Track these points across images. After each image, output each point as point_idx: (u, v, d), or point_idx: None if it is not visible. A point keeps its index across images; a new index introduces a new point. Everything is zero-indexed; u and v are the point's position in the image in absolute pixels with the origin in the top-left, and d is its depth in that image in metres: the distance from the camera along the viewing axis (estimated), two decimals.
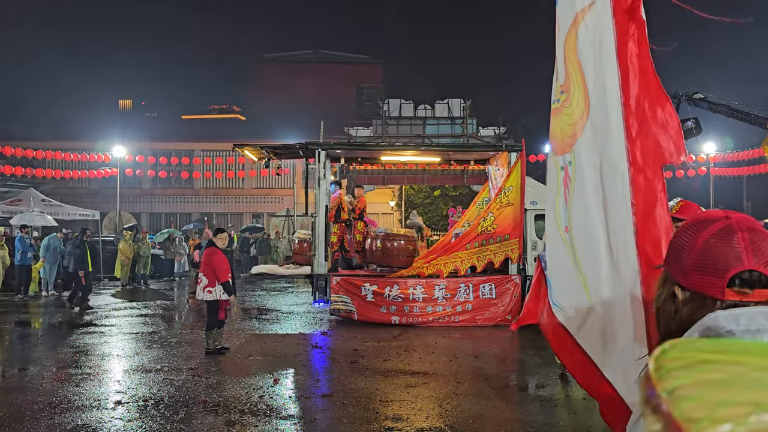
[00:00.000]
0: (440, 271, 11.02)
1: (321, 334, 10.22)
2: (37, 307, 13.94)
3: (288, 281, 20.23)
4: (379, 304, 10.84)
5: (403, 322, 10.76)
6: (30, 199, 18.73)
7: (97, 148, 25.83)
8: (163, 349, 8.90)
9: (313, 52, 43.75)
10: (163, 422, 5.59)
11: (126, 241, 18.20)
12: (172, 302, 15.09)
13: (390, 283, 10.87)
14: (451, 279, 10.97)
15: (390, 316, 10.80)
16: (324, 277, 11.20)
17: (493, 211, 11.02)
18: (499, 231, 10.96)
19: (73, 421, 5.62)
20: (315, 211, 11.53)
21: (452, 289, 10.91)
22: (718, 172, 24.51)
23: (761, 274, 1.08)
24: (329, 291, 11.03)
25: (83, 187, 32.07)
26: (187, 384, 6.91)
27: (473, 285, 10.94)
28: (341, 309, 10.96)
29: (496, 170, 12.73)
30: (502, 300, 10.98)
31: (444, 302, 10.87)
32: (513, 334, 9.84)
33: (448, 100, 29.16)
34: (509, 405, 6.25)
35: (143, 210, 33.25)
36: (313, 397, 6.45)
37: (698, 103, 11.31)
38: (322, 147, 11.99)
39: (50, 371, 7.56)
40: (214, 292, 8.19)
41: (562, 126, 2.29)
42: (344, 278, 11.07)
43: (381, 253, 11.49)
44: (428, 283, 10.88)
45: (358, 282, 11.01)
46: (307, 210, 12.63)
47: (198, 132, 35.07)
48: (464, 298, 10.90)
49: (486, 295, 10.97)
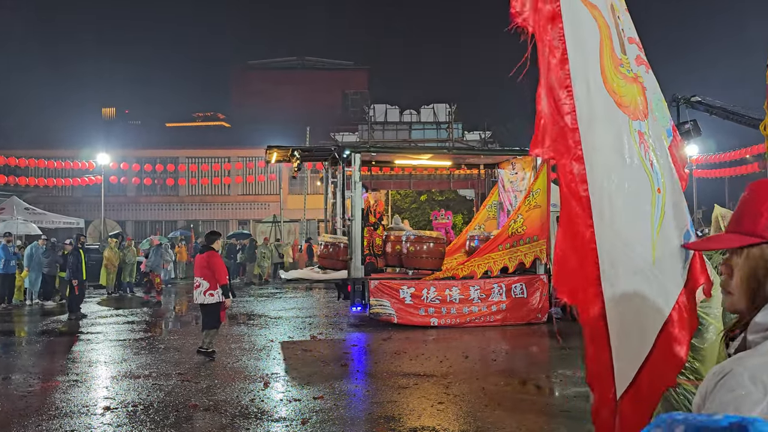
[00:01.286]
0: (474, 273, 11.20)
1: (310, 338, 10.18)
2: (22, 315, 13.76)
3: (276, 287, 20.16)
4: (417, 306, 10.89)
5: (441, 323, 10.87)
6: (13, 207, 18.54)
7: (80, 156, 25.62)
8: (151, 355, 8.82)
9: (297, 59, 43.79)
10: (153, 427, 5.54)
11: (111, 248, 18.03)
12: (158, 309, 14.97)
13: (427, 285, 10.96)
14: (486, 280, 11.17)
15: (429, 318, 10.88)
16: (361, 281, 11.16)
17: (522, 213, 11.27)
18: (529, 232, 11.25)
19: (62, 427, 5.55)
20: (351, 214, 11.51)
21: (487, 290, 11.13)
22: (700, 173, 24.83)
23: None
24: (367, 295, 10.95)
25: (67, 195, 31.75)
26: (177, 389, 6.86)
27: (506, 285, 11.20)
28: (381, 313, 10.89)
29: (512, 173, 13.04)
30: (532, 299, 11.29)
31: (479, 303, 11.07)
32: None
33: (434, 105, 29.32)
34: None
35: (128, 218, 32.97)
36: (303, 399, 6.42)
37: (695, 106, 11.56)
38: (356, 150, 12.12)
39: (37, 378, 7.47)
40: (216, 295, 8.24)
41: (637, 96, 2.32)
42: (381, 282, 11.04)
43: (412, 255, 11.52)
44: (464, 284, 11.06)
45: (396, 285, 11.01)
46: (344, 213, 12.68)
47: (182, 139, 34.90)
48: (498, 299, 11.14)
49: (518, 294, 11.26)
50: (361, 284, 11.14)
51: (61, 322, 12.52)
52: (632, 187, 2.21)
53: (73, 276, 13.13)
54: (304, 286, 20.35)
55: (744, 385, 0.92)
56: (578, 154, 2.15)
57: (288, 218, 29.43)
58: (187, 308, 15.36)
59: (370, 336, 10.24)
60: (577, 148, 2.15)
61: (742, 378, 0.93)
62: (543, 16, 2.18)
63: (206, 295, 8.23)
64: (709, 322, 2.71)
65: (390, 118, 29.11)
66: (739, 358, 0.99)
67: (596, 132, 2.18)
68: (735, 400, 0.91)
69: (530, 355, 9.17)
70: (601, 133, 2.19)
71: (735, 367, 0.96)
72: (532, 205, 11.19)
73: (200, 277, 8.30)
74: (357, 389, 6.84)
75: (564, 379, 7.26)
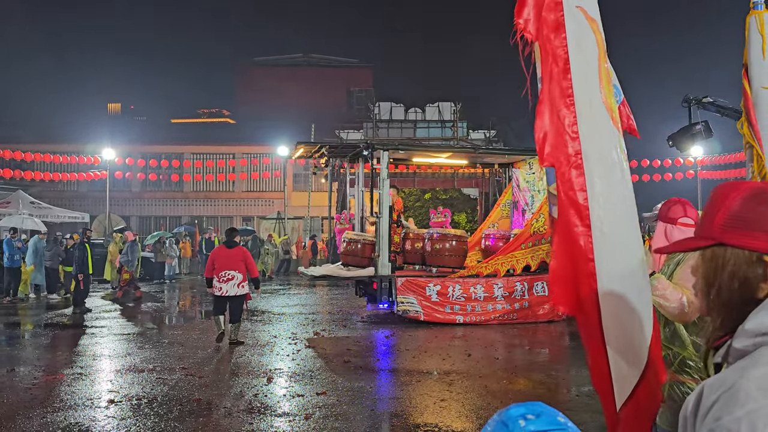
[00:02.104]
0: (498, 271, 11.36)
1: (313, 334, 10.21)
2: (27, 309, 13.83)
3: (279, 283, 20.21)
4: (443, 304, 11.01)
5: (467, 321, 11.00)
6: (18, 202, 18.59)
7: (86, 150, 25.67)
8: (155, 350, 8.87)
9: (303, 56, 43.77)
10: (157, 420, 5.57)
11: (116, 243, 18.08)
12: (162, 304, 15.02)
13: (452, 283, 11.08)
14: (509, 278, 11.35)
15: (454, 316, 11.02)
16: (388, 278, 11.22)
17: (544, 213, 11.42)
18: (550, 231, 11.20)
19: (66, 420, 5.59)
20: (379, 212, 11.55)
21: (510, 288, 11.30)
22: (705, 175, 24.75)
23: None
24: (394, 292, 11.02)
25: (72, 190, 31.86)
26: (180, 383, 6.89)
27: (528, 283, 11.37)
28: (408, 310, 10.99)
29: (530, 173, 13.28)
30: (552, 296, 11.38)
31: (503, 300, 11.23)
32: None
33: (439, 104, 29.29)
34: None
35: (133, 213, 33.06)
36: (306, 395, 6.45)
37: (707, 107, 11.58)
38: (385, 147, 12.23)
39: (41, 371, 7.52)
40: (246, 287, 9.02)
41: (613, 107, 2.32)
42: (408, 279, 11.13)
43: (435, 253, 11.59)
44: (488, 282, 11.22)
45: (423, 283, 11.10)
46: (372, 210, 12.75)
47: (187, 135, 34.96)
48: (520, 296, 11.32)
49: (539, 292, 11.42)
50: (388, 282, 11.22)
51: (65, 315, 12.59)
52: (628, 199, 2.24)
53: (79, 270, 13.20)
54: (307, 283, 20.38)
55: (755, 398, 0.88)
56: (578, 163, 2.17)
57: (292, 215, 29.47)
58: (191, 304, 15.43)
59: (373, 333, 10.27)
60: (578, 158, 2.17)
61: (750, 391, 0.89)
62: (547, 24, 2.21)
63: (239, 287, 8.89)
64: None
65: (395, 116, 29.10)
66: (741, 368, 0.95)
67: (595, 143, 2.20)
68: (748, 415, 0.87)
69: (540, 353, 9.18)
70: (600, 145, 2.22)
71: (738, 380, 0.92)
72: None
73: (234, 270, 8.85)
74: (360, 385, 6.86)
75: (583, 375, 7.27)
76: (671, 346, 2.71)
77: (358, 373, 7.43)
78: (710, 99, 13.58)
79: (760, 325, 1.00)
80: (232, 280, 8.81)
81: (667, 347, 2.72)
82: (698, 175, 24.19)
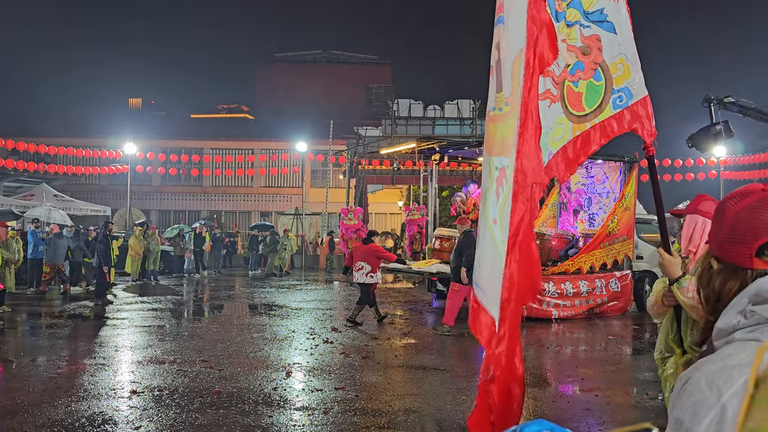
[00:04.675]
0: (581, 268, 11.90)
1: (331, 329, 10.27)
2: (50, 300, 14.07)
3: (296, 278, 20.33)
4: (541, 300, 11.34)
5: (561, 316, 11.45)
6: (42, 194, 18.91)
7: (107, 144, 26.03)
8: (176, 342, 8.98)
9: (322, 52, 43.88)
10: (179, 411, 5.65)
11: (136, 237, 18.32)
12: (182, 297, 15.20)
13: (546, 279, 11.47)
14: (590, 275, 11.95)
15: (550, 311, 11.40)
16: None
17: (618, 214, 12.16)
18: (621, 232, 12.22)
19: (90, 409, 5.69)
20: None
21: (592, 285, 11.90)
22: (728, 175, 24.42)
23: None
24: None
25: (93, 183, 32.31)
26: (201, 375, 6.98)
27: (605, 280, 12.04)
28: None
29: (585, 177, 14.01)
30: (624, 293, 12.31)
31: (586, 296, 11.83)
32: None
33: (458, 101, 29.19)
34: None
35: (153, 207, 33.45)
36: (325, 389, 6.50)
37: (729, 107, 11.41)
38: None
39: (65, 361, 7.65)
40: (374, 277, 10.60)
41: (504, 133, 2.49)
42: None
43: None
44: (574, 279, 11.78)
45: None
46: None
47: (207, 131, 35.27)
48: (600, 292, 11.98)
49: (613, 288, 12.15)
50: None
51: (87, 307, 12.78)
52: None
53: (103, 262, 13.39)
54: (323, 278, 20.50)
55: (701, 390, 0.95)
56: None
57: (310, 211, 29.60)
58: (209, 297, 15.58)
59: (390, 329, 10.30)
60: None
61: (700, 383, 0.96)
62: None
63: (367, 276, 10.52)
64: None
65: (413, 113, 29.07)
66: (700, 363, 1.02)
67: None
68: (693, 405, 0.95)
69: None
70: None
71: (694, 374, 0.99)
72: (624, 207, 12.22)
73: (364, 261, 10.53)
74: (379, 381, 6.89)
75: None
76: (698, 349, 2.70)
77: (377, 369, 7.46)
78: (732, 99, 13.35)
79: (725, 324, 1.07)
80: (362, 270, 10.51)
81: (694, 350, 2.71)
82: (721, 175, 23.88)
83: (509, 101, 2.47)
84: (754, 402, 0.88)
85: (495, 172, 2.52)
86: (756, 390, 0.89)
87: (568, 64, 2.77)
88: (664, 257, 2.67)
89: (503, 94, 2.50)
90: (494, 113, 2.55)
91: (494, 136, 2.55)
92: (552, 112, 2.73)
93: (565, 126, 2.77)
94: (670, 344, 2.86)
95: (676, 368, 2.78)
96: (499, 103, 2.52)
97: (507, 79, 2.49)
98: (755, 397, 0.89)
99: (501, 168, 2.48)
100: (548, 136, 2.71)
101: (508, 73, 2.48)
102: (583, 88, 2.81)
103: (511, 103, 2.45)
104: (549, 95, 2.72)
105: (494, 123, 2.56)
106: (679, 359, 2.77)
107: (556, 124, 2.75)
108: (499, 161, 2.49)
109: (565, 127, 2.77)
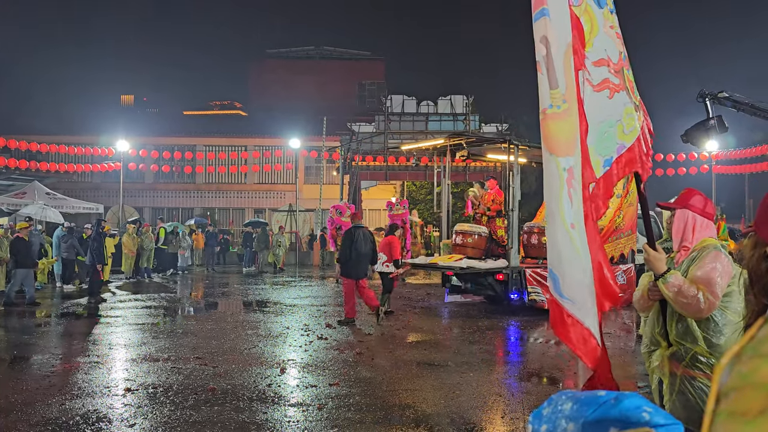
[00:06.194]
0: None
1: (325, 326, 10.28)
2: (44, 299, 14.01)
3: (289, 275, 20.32)
4: None
5: None
6: (34, 192, 18.81)
7: (100, 142, 25.90)
8: (170, 339, 8.98)
9: (314, 48, 43.77)
10: (173, 408, 5.66)
11: (129, 234, 18.27)
12: (176, 295, 15.17)
13: None
14: None
15: None
16: (518, 270, 11.56)
17: (623, 210, 12.25)
18: (626, 227, 12.39)
19: (84, 407, 5.69)
20: (512, 205, 11.77)
21: None
22: (720, 169, 24.56)
23: None
24: (525, 283, 11.51)
25: (86, 181, 32.16)
26: (195, 372, 6.98)
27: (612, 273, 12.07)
28: (536, 300, 11.49)
29: None
30: (630, 285, 12.33)
31: None
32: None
33: (451, 97, 29.22)
34: None
35: (146, 204, 33.32)
36: (319, 385, 6.52)
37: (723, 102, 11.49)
38: (521, 143, 12.61)
39: (59, 359, 7.64)
40: (390, 267, 11.20)
41: (566, 132, 2.42)
42: (534, 270, 11.58)
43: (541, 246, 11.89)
44: None
45: (545, 274, 11.26)
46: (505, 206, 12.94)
47: (199, 127, 35.12)
48: None
49: (621, 281, 12.15)
50: (518, 273, 11.56)
51: (81, 305, 12.75)
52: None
53: (96, 260, 13.35)
54: (317, 275, 20.50)
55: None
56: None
57: (303, 207, 29.58)
58: (203, 294, 15.56)
59: (385, 325, 10.32)
60: None
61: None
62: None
63: (383, 265, 11.25)
64: (728, 317, 2.70)
65: (407, 109, 29.07)
66: None
67: None
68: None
69: None
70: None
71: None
72: (628, 202, 12.32)
73: (383, 252, 11.26)
74: (372, 376, 6.92)
75: None
76: (683, 341, 2.73)
77: (371, 365, 7.49)
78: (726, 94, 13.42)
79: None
80: (380, 260, 11.22)
81: (679, 343, 2.75)
82: (712, 169, 24.01)
83: (566, 98, 2.40)
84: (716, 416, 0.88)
85: (564, 173, 2.38)
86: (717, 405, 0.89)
87: (620, 52, 2.66)
88: (649, 253, 2.71)
89: (559, 90, 2.41)
90: (552, 111, 2.43)
91: (557, 135, 2.43)
92: (616, 102, 2.61)
93: (634, 116, 2.65)
94: (656, 337, 2.89)
95: (662, 361, 2.81)
96: (556, 100, 2.42)
97: (561, 75, 2.40)
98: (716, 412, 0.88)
99: (568, 169, 2.38)
100: (616, 127, 2.60)
101: (561, 68, 2.40)
102: (632, 77, 2.73)
103: (568, 99, 2.40)
104: (608, 85, 2.59)
105: (554, 121, 2.43)
106: (665, 352, 2.81)
107: (625, 116, 2.62)
108: (566, 161, 2.39)
109: (636, 117, 2.66)
